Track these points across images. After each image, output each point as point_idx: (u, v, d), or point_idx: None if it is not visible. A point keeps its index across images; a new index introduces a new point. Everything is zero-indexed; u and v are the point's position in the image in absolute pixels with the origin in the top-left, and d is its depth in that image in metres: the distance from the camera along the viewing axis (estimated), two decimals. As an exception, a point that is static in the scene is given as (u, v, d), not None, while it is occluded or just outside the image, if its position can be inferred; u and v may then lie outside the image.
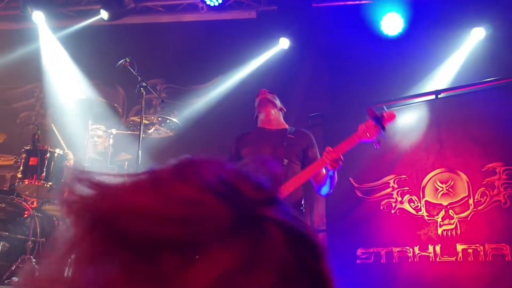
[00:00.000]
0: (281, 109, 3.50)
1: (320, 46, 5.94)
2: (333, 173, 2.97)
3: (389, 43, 5.51)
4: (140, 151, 4.36)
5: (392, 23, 5.47)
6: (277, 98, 3.48)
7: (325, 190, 3.13)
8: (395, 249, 4.44)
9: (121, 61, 4.60)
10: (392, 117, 2.87)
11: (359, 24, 5.57)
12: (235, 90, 6.05)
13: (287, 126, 3.43)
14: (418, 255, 4.34)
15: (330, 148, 2.88)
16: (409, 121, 4.74)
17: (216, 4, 5.78)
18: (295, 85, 5.64)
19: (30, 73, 6.77)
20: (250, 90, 5.56)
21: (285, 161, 3.10)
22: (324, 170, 3.03)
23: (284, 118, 3.52)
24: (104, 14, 6.13)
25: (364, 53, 5.50)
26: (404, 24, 5.45)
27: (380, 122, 2.82)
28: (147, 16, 6.60)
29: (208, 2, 5.82)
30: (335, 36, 5.79)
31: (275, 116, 3.40)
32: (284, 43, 5.93)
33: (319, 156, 3.19)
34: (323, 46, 5.94)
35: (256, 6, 6.20)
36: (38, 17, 6.34)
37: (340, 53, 5.76)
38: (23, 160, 4.73)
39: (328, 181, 3.04)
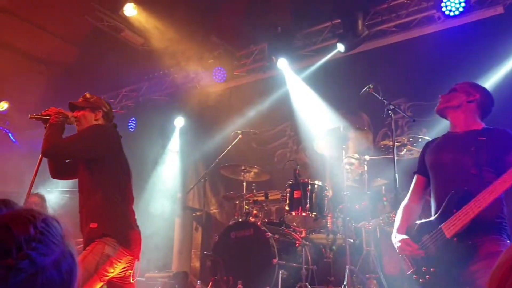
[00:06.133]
0: (471, 101, 2.83)
1: None
2: None
3: None
4: (396, 174, 4.29)
5: None
6: (462, 90, 2.88)
7: None
8: None
9: (365, 89, 4.67)
10: None
11: None
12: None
13: (481, 126, 2.81)
14: None
15: None
16: None
17: (457, 13, 5.43)
18: None
19: (281, 115, 7.46)
20: (508, 93, 4.98)
21: (473, 170, 2.59)
22: None
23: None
24: (340, 47, 6.39)
25: None
26: None
27: None
28: (382, 39, 6.61)
29: (447, 13, 5.50)
30: None
31: (461, 115, 2.83)
32: (544, 33, 5.17)
33: None
34: None
35: (502, 0, 5.57)
36: (282, 64, 7.00)
37: None
38: (288, 194, 5.16)
39: None
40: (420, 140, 4.85)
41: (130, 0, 6.98)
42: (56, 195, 7.48)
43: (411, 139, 4.85)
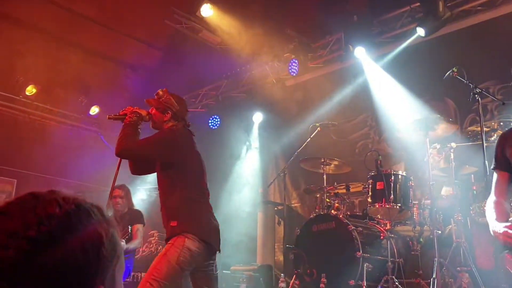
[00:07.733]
0: None
1: None
2: None
3: None
4: (486, 162, 4.06)
5: None
6: None
7: None
8: None
9: (448, 73, 4.48)
10: None
11: None
12: None
13: None
14: None
15: None
16: None
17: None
18: None
19: (360, 105, 7.28)
20: None
21: None
22: None
23: None
24: (420, 31, 6.11)
25: None
26: None
27: None
28: (465, 20, 6.23)
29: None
30: None
31: None
32: None
33: None
34: None
35: None
36: (359, 52, 6.84)
37: None
38: (370, 186, 5.05)
39: None
40: (511, 124, 4.53)
41: (206, 0, 7.16)
42: (145, 192, 7.90)
43: (501, 124, 4.55)
